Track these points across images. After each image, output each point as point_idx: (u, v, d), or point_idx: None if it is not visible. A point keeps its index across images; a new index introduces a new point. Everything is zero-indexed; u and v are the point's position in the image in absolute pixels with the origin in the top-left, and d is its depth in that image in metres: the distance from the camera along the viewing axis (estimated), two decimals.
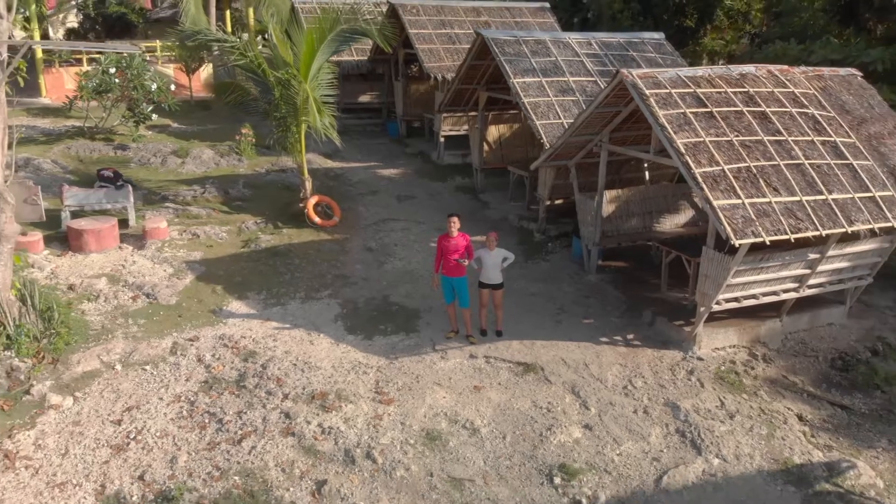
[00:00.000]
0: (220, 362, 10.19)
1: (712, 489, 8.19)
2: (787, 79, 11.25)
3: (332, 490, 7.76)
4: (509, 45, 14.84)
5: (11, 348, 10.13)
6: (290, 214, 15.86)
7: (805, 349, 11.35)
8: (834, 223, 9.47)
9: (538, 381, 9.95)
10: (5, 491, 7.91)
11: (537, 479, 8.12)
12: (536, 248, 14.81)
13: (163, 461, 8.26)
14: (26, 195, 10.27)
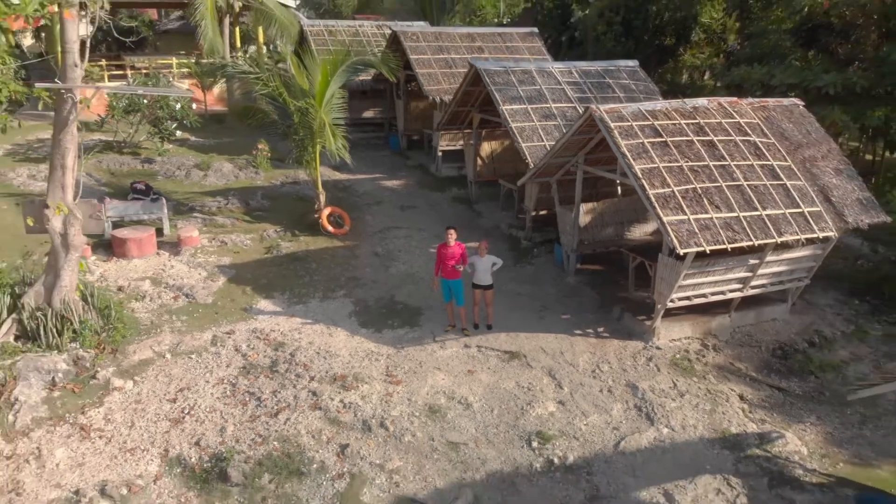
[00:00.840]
0: (254, 351, 11.92)
1: (661, 452, 9.94)
2: (734, 110, 13.01)
3: (353, 451, 9.49)
4: (499, 76, 16.60)
5: (77, 340, 11.83)
6: (306, 224, 17.57)
7: (750, 341, 13.09)
8: (766, 235, 11.23)
9: (521, 366, 11.71)
10: (85, 456, 9.62)
11: (518, 443, 9.87)
12: (523, 253, 16.54)
13: (213, 431, 9.98)
14: (91, 212, 11.94)
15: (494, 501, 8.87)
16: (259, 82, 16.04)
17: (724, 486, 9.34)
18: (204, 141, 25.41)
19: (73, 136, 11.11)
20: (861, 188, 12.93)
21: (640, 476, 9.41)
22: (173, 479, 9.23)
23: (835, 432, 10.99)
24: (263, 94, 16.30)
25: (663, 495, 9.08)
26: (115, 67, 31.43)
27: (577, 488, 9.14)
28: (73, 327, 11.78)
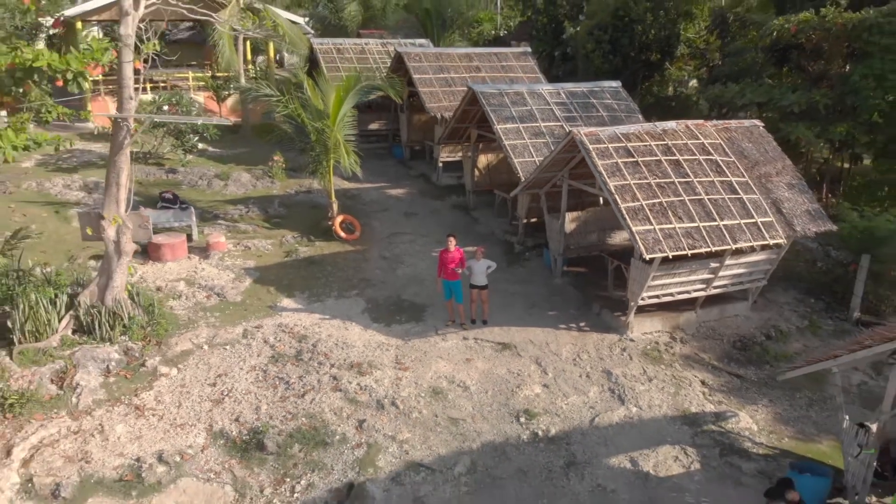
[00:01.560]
0: (281, 343, 13.53)
1: (629, 427, 11.55)
2: (699, 132, 14.63)
3: (369, 426, 11.12)
4: (494, 97, 18.20)
5: (126, 334, 13.43)
6: (320, 230, 19.16)
7: (714, 334, 14.71)
8: (722, 242, 12.85)
9: (512, 355, 13.33)
10: (142, 430, 11.23)
11: (508, 419, 11.48)
12: (516, 256, 18.14)
13: (250, 409, 11.59)
14: (140, 222, 13.48)
15: (488, 466, 10.48)
16: (280, 104, 17.70)
17: (682, 454, 10.96)
18: (222, 151, 26.98)
19: (126, 158, 12.72)
20: (811, 200, 14.55)
21: (610, 446, 11.03)
22: (218, 449, 10.85)
23: (783, 413, 12.61)
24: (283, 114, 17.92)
25: (629, 461, 10.70)
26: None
27: (557, 456, 10.75)
28: (123, 322, 13.38)
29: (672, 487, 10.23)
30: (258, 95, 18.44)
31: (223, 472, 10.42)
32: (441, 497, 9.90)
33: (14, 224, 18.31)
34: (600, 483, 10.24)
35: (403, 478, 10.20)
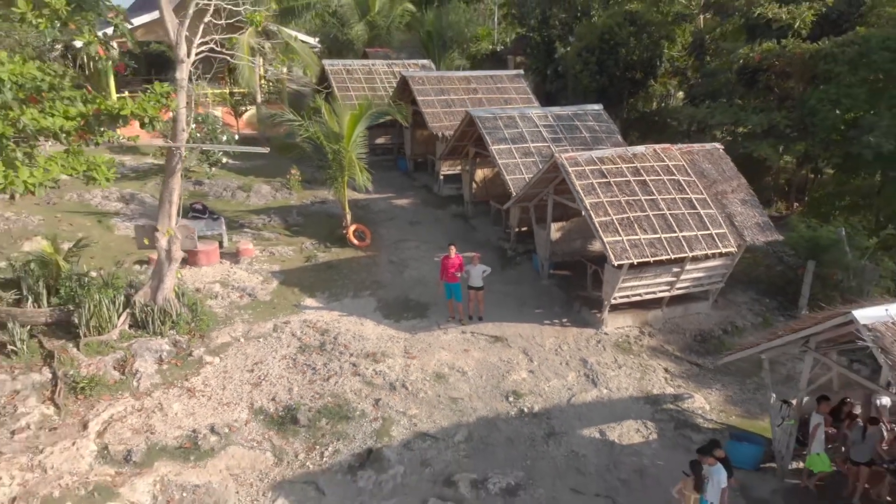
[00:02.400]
0: (306, 336, 15.57)
1: (600, 405, 13.59)
2: (665, 155, 16.66)
3: (383, 403, 13.16)
4: (489, 121, 20.23)
5: (174, 329, 15.45)
6: (335, 237, 21.18)
7: (678, 329, 16.74)
8: (681, 250, 14.89)
9: (503, 346, 15.37)
10: (194, 408, 13.25)
11: (499, 398, 13.52)
12: (509, 261, 20.16)
13: (284, 391, 13.63)
14: (187, 234, 15.46)
15: (482, 436, 12.53)
16: (301, 128, 19.74)
17: (642, 427, 13.00)
18: (241, 164, 28.97)
19: (178, 180, 14.74)
20: (761, 214, 16.58)
21: (583, 420, 13.07)
22: (258, 422, 12.89)
23: (733, 395, 14.64)
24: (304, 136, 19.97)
25: (598, 432, 12.75)
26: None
27: (539, 428, 12.80)
28: (171, 319, 15.40)
29: (632, 453, 12.28)
30: (282, 120, 20.50)
31: (264, 441, 12.47)
32: (443, 460, 11.94)
33: (62, 233, 20.33)
34: (574, 449, 12.29)
35: (412, 445, 12.25)
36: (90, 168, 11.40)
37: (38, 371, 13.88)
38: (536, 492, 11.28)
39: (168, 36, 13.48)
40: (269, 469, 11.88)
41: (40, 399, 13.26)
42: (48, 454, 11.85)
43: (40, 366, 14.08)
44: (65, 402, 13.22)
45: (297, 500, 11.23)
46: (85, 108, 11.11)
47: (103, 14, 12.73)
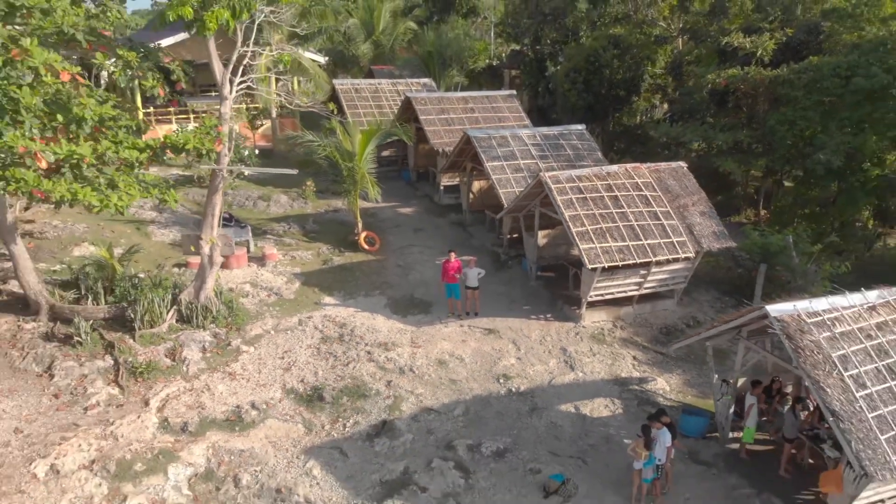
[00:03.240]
0: (327, 329, 17.83)
1: (576, 386, 15.87)
2: (635, 173, 18.96)
3: (394, 384, 15.44)
4: (484, 141, 22.51)
5: (214, 323, 17.69)
6: (348, 243, 23.44)
7: (646, 323, 19.01)
8: (645, 256, 17.18)
9: (496, 337, 17.65)
10: (236, 389, 15.50)
11: (492, 380, 15.80)
12: (501, 264, 22.42)
13: (310, 374, 15.89)
14: (226, 241, 17.68)
15: (476, 410, 14.81)
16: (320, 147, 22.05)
17: (610, 403, 15.28)
18: (259, 175, 31.23)
19: (220, 197, 17.01)
20: (717, 224, 18.86)
21: (561, 398, 15.35)
22: (290, 400, 15.16)
23: (691, 379, 16.91)
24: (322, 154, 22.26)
25: (573, 407, 15.03)
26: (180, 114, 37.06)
27: (524, 404, 15.08)
28: (212, 314, 17.65)
29: (600, 424, 14.57)
30: (303, 142, 22.80)
31: (295, 415, 14.74)
32: (445, 429, 14.23)
33: (106, 239, 22.61)
34: (552, 420, 14.58)
35: (419, 417, 14.54)
36: (162, 192, 13.67)
37: (101, 358, 16.14)
38: (521, 454, 13.56)
39: (216, 78, 15.77)
40: (300, 437, 14.16)
41: (106, 382, 15.53)
42: (118, 426, 14.10)
43: (102, 354, 16.34)
44: (127, 383, 15.48)
45: (325, 462, 13.50)
46: (153, 142, 13.37)
47: (161, 60, 14.97)
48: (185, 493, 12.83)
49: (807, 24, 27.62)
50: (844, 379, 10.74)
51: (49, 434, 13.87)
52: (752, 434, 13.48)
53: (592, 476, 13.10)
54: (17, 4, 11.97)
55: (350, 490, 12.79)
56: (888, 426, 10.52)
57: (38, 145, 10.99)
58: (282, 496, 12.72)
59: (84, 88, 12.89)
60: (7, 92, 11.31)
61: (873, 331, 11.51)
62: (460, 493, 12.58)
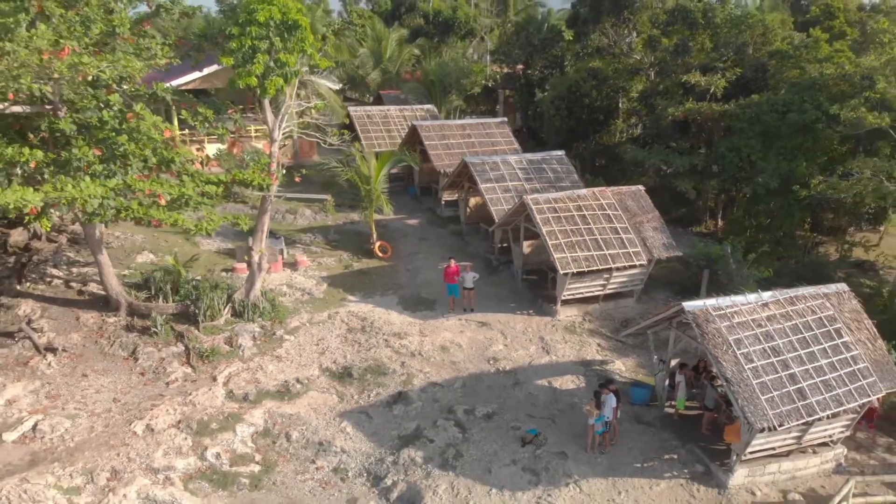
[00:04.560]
0: (351, 321, 21.39)
1: (550, 366, 19.45)
2: (600, 195, 22.55)
3: (407, 365, 19.04)
4: (479, 166, 26.09)
5: (261, 317, 21.23)
6: (364, 251, 27.03)
7: (610, 317, 22.58)
8: (606, 263, 20.78)
9: (488, 328, 21.25)
10: (283, 368, 19.07)
11: (484, 362, 19.41)
12: (493, 269, 26.00)
13: (340, 357, 19.49)
14: (271, 251, 21.23)
15: (471, 384, 18.39)
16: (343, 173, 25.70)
17: (576, 379, 18.87)
18: (284, 190, 34.74)
19: (268, 216, 20.60)
20: (667, 237, 22.46)
21: (538, 375, 18.95)
22: (326, 377, 18.74)
23: (643, 362, 20.44)
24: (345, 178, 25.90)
25: (547, 382, 18.63)
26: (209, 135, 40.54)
27: (509, 380, 18.67)
28: (259, 310, 21.22)
29: (567, 394, 18.17)
30: (328, 167, 26.40)
31: (330, 388, 18.33)
32: (447, 398, 17.81)
33: (162, 248, 26.20)
34: (530, 392, 18.18)
35: (427, 389, 18.14)
36: (238, 218, 17.29)
37: (173, 345, 19.71)
38: (505, 416, 17.16)
39: (268, 126, 19.40)
40: (335, 405, 17.76)
41: (180, 363, 19.11)
42: (194, 396, 17.69)
43: (174, 342, 19.90)
44: (196, 364, 19.06)
45: (355, 422, 17.09)
46: (226, 177, 16.99)
47: (224, 111, 18.54)
48: (249, 446, 16.44)
49: (755, 63, 31.18)
50: (737, 356, 14.35)
51: (141, 402, 17.48)
52: (682, 403, 17.09)
53: (559, 432, 16.72)
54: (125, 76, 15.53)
55: (375, 442, 16.40)
56: (768, 390, 14.13)
57: (162, 188, 14.60)
58: (323, 447, 16.32)
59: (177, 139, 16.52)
60: (124, 145, 14.91)
61: (763, 321, 15.12)
62: (459, 443, 16.19)
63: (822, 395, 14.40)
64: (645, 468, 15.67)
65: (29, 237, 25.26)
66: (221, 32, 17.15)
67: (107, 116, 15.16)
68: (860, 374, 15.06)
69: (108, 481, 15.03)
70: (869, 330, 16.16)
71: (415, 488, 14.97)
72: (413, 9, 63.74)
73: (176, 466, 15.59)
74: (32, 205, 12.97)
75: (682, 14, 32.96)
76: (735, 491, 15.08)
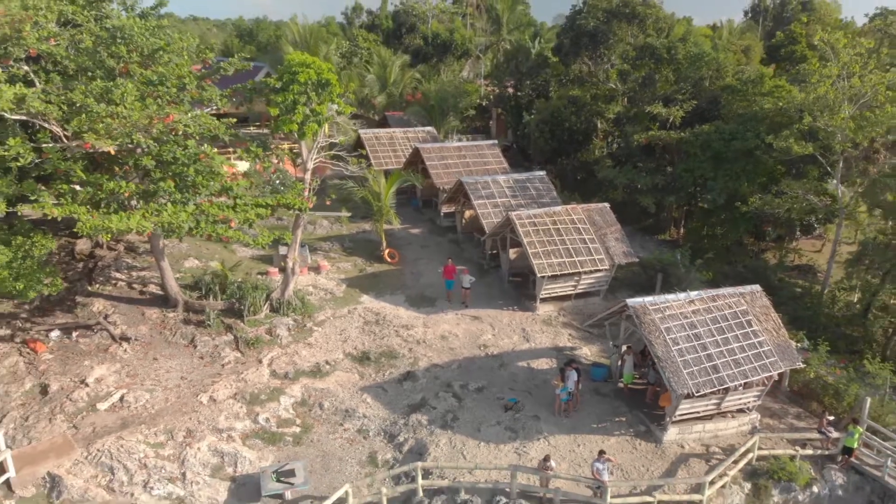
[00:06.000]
0: (367, 316, 25.21)
1: (529, 352, 23.31)
2: (572, 212, 26.42)
3: (414, 351, 22.91)
4: (472, 184, 29.92)
5: (294, 312, 25.02)
6: (376, 256, 30.85)
7: (580, 312, 26.44)
8: (575, 268, 24.66)
9: (479, 321, 25.11)
10: (313, 352, 22.91)
11: (476, 348, 23.28)
12: (485, 272, 29.81)
13: (360, 344, 23.35)
14: (303, 258, 24.99)
15: (466, 366, 22.25)
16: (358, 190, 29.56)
17: (550, 361, 22.74)
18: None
19: (301, 230, 24.44)
20: (627, 246, 26.32)
21: (520, 358, 22.82)
22: (348, 360, 22.59)
23: (605, 349, 24.26)
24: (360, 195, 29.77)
25: (526, 364, 22.51)
26: None
27: (495, 362, 22.54)
28: (292, 307, 25.04)
29: (542, 373, 22.04)
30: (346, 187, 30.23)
31: (352, 368, 22.18)
32: (446, 376, 21.66)
33: (204, 254, 29.99)
34: (512, 371, 22.05)
35: (430, 369, 21.99)
36: (284, 234, 21.19)
37: (224, 335, 23.51)
38: (492, 390, 21.02)
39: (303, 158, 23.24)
40: (357, 381, 21.60)
41: (231, 349, 22.91)
42: (245, 374, 21.51)
43: (224, 332, 23.68)
44: (244, 350, 22.90)
45: (373, 394, 20.94)
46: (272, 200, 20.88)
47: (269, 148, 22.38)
48: (290, 412, 20.28)
49: (710, 95, 35.08)
50: (666, 340, 18.23)
51: (203, 380, 21.29)
52: (629, 378, 20.97)
53: (534, 401, 20.59)
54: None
55: (389, 410, 20.26)
56: (689, 365, 18.00)
57: (233, 214, 18.52)
58: (349, 414, 20.18)
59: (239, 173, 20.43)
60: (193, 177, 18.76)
61: (689, 314, 19.02)
62: (455, 410, 20.06)
63: (732, 370, 18.29)
64: (599, 428, 19.56)
65: (92, 246, 29.17)
66: (267, 86, 20.96)
67: (179, 154, 19.02)
68: (765, 355, 18.95)
69: (184, 438, 18.85)
70: (775, 321, 20.05)
71: (421, 443, 18.83)
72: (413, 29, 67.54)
73: (235, 428, 19.41)
74: (148, 230, 16.85)
75: (650, 50, 36.82)
76: (668, 445, 18.96)
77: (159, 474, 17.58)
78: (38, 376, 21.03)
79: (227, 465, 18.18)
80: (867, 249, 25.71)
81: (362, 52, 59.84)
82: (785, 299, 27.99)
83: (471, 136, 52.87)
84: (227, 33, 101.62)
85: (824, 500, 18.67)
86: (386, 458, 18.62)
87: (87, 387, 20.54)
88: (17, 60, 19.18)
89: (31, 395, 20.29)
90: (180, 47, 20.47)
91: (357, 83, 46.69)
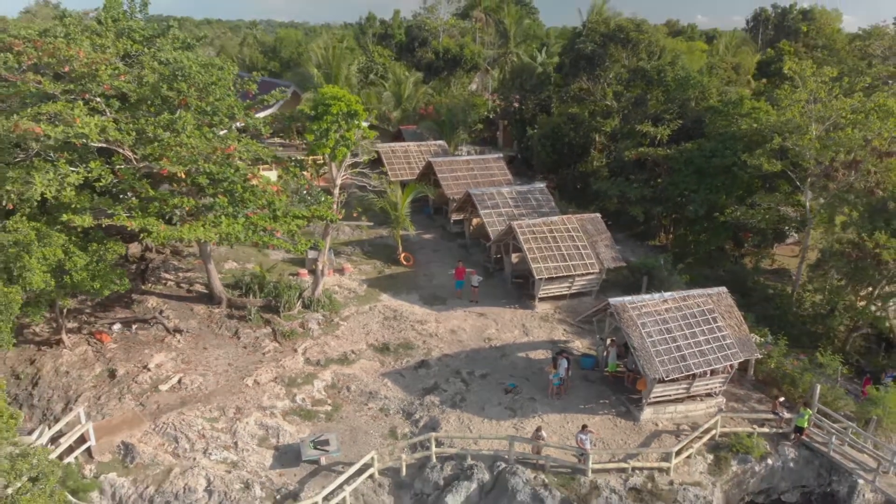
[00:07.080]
0: (386, 312, 28.08)
1: (528, 344, 26.14)
2: (567, 221, 29.24)
3: (427, 342, 25.80)
4: (479, 196, 32.74)
5: (323, 309, 27.98)
6: (392, 260, 33.73)
7: (575, 310, 29.19)
8: (569, 271, 27.47)
9: (485, 318, 27.96)
10: (341, 343, 25.85)
11: (482, 341, 26.14)
12: (490, 274, 32.56)
13: (380, 336, 26.26)
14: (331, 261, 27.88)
15: (472, 356, 25.11)
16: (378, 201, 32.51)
17: (545, 352, 25.54)
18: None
19: (329, 237, 27.39)
20: (616, 252, 29.10)
21: (520, 350, 25.66)
22: (371, 350, 25.51)
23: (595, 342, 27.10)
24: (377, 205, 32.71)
25: (525, 354, 25.36)
26: None
27: (498, 353, 25.40)
28: (321, 304, 27.98)
29: (538, 362, 24.87)
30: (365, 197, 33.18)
31: (375, 357, 25.11)
32: (455, 364, 24.52)
33: (241, 257, 33.00)
34: (513, 361, 24.90)
35: (442, 359, 24.87)
36: (318, 242, 24.13)
37: (263, 328, 26.49)
38: (495, 376, 23.87)
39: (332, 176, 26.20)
40: (378, 368, 24.52)
41: (270, 340, 25.89)
42: (283, 361, 24.48)
43: (263, 326, 26.66)
44: (281, 341, 25.87)
45: (392, 379, 23.86)
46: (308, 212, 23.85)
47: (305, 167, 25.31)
48: (323, 394, 23.23)
49: (695, 115, 37.74)
50: (642, 333, 21.02)
51: (248, 366, 24.28)
52: (613, 366, 23.77)
53: (532, 385, 23.43)
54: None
55: (407, 392, 23.18)
56: (661, 355, 20.78)
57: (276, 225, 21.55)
58: (372, 395, 23.10)
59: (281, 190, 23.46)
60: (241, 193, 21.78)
61: (662, 312, 21.79)
62: (463, 392, 22.95)
63: (698, 359, 21.06)
64: (586, 408, 22.38)
65: (142, 250, 32.29)
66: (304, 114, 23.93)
67: (230, 174, 22.04)
68: (727, 347, 21.70)
69: (234, 414, 21.82)
70: (737, 318, 22.81)
71: (434, 419, 21.72)
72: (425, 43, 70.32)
73: (277, 406, 22.37)
74: (213, 240, 19.93)
75: (641, 73, 39.52)
76: (644, 423, 21.75)
77: (216, 443, 20.56)
78: (105, 363, 24.10)
79: (270, 436, 21.12)
80: (825, 256, 28.32)
81: (378, 67, 62.75)
82: (758, 300, 30.70)
83: (479, 147, 55.69)
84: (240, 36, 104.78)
85: (778, 472, 21.41)
86: (404, 432, 21.51)
87: (149, 371, 23.58)
88: (94, 95, 22.23)
89: (101, 378, 23.34)
90: (228, 82, 23.45)
91: (376, 99, 49.62)
